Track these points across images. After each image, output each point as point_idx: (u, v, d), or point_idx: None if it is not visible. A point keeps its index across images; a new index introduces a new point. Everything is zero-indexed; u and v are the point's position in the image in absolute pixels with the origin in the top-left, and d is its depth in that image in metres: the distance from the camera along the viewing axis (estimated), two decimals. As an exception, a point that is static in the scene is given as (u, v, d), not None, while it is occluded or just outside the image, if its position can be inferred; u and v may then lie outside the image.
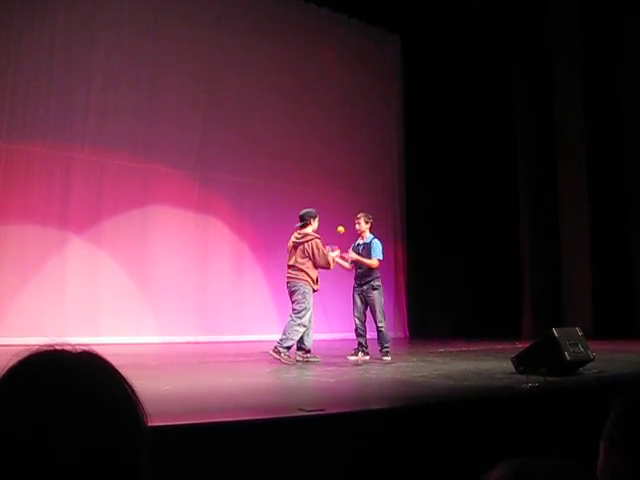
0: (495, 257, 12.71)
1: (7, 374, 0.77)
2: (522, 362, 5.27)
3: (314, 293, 7.16)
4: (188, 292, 10.49)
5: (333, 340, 11.14)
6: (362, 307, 7.42)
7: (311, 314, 7.06)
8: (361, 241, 7.58)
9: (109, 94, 10.10)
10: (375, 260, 7.38)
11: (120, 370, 0.83)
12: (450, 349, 8.70)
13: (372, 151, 13.13)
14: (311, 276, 7.08)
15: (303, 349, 7.00)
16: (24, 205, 9.27)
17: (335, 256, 7.45)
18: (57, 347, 0.80)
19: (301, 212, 7.44)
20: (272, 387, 4.76)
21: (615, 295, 11.59)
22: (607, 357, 6.52)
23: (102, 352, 0.83)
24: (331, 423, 3.20)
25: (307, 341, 7.01)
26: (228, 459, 2.80)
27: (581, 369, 5.39)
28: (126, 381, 0.81)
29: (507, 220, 12.65)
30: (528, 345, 5.62)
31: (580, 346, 5.37)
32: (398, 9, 12.47)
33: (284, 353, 6.72)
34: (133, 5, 10.40)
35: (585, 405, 3.88)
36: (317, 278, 7.17)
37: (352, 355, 7.38)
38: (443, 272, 13.06)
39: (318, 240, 7.15)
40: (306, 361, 6.85)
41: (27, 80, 9.41)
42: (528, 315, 12.03)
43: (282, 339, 6.80)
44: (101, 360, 0.82)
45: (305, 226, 7.28)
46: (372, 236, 7.59)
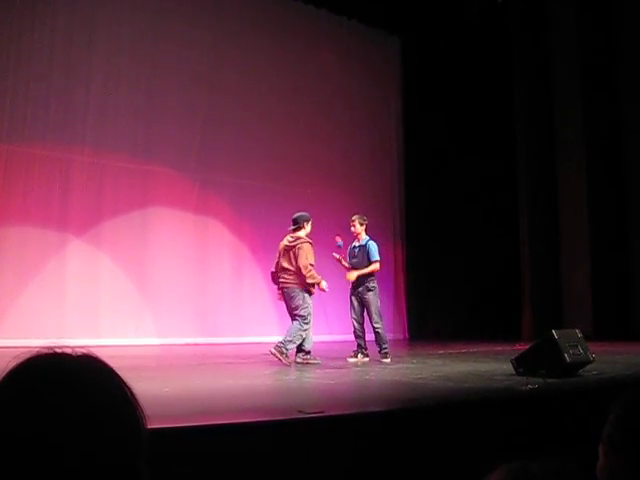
0: (495, 258, 12.72)
1: (7, 377, 0.77)
2: (522, 364, 5.27)
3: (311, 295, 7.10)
4: (187, 294, 10.49)
5: (333, 342, 11.14)
6: (359, 309, 7.42)
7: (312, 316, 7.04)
8: (357, 243, 7.58)
9: (109, 96, 10.10)
10: (375, 264, 7.39)
11: (119, 372, 0.83)
12: (450, 351, 8.69)
13: (372, 152, 13.14)
14: (312, 281, 7.00)
15: (303, 350, 6.97)
16: (24, 207, 9.27)
17: (338, 258, 7.50)
18: (57, 350, 0.80)
19: (294, 215, 7.36)
20: (272, 389, 4.76)
21: (615, 297, 11.60)
22: (607, 359, 6.51)
23: (101, 354, 0.83)
24: (331, 425, 3.20)
25: (307, 343, 6.98)
26: (228, 461, 2.79)
27: (581, 371, 5.39)
28: (125, 384, 0.82)
29: (507, 221, 12.67)
30: (528, 347, 5.61)
31: (580, 348, 5.37)
32: (397, 10, 12.48)
33: (286, 355, 6.71)
34: (133, 7, 10.41)
35: (585, 407, 3.88)
36: (321, 287, 7.08)
37: (352, 357, 7.38)
38: (443, 273, 13.05)
39: (309, 245, 7.05)
40: (306, 363, 6.83)
41: (27, 81, 9.41)
42: (528, 317, 12.03)
43: (286, 341, 6.77)
44: (100, 363, 0.82)
45: (298, 229, 7.18)
46: (367, 238, 7.57)
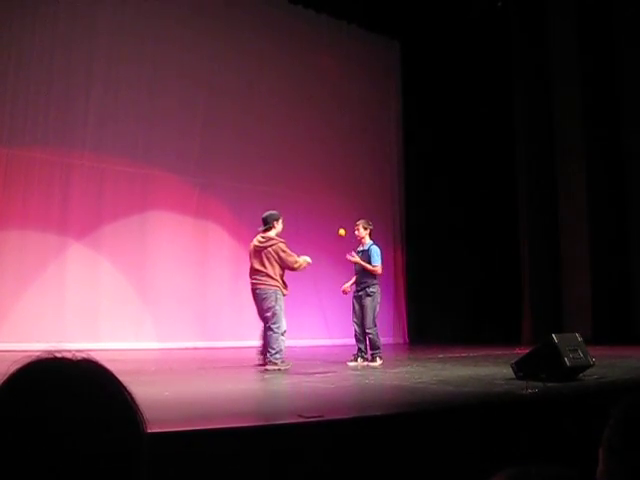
0: (495, 262, 12.72)
1: (7, 381, 0.77)
2: (522, 368, 5.26)
3: (284, 297, 6.92)
4: (187, 298, 10.48)
5: (333, 346, 11.14)
6: (360, 312, 7.45)
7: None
8: (361, 247, 7.63)
9: (109, 100, 10.12)
10: (377, 267, 7.42)
11: (119, 376, 0.83)
12: (450, 354, 8.68)
13: (372, 156, 13.15)
14: (280, 281, 6.85)
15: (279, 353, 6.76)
16: (24, 210, 9.27)
17: (354, 260, 7.45)
18: (57, 354, 0.80)
19: (264, 215, 7.20)
20: (271, 393, 4.76)
21: (615, 300, 11.59)
22: (607, 363, 6.51)
23: (101, 358, 0.83)
24: (330, 429, 3.19)
25: None
26: (227, 465, 2.79)
27: (581, 375, 5.39)
28: (125, 388, 0.82)
29: (507, 224, 12.67)
30: (528, 351, 5.61)
31: (580, 352, 5.37)
32: (397, 15, 12.51)
33: (279, 361, 6.59)
34: (133, 11, 10.43)
35: (585, 411, 3.88)
36: (285, 282, 6.93)
37: (352, 361, 7.38)
38: (443, 277, 13.05)
39: (282, 244, 6.91)
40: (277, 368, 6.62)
41: (27, 85, 9.42)
42: (528, 320, 12.02)
43: (271, 353, 6.62)
44: (100, 367, 0.82)
45: (269, 229, 7.04)
46: (371, 242, 7.62)
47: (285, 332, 6.78)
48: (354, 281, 7.61)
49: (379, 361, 7.20)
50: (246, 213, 11.40)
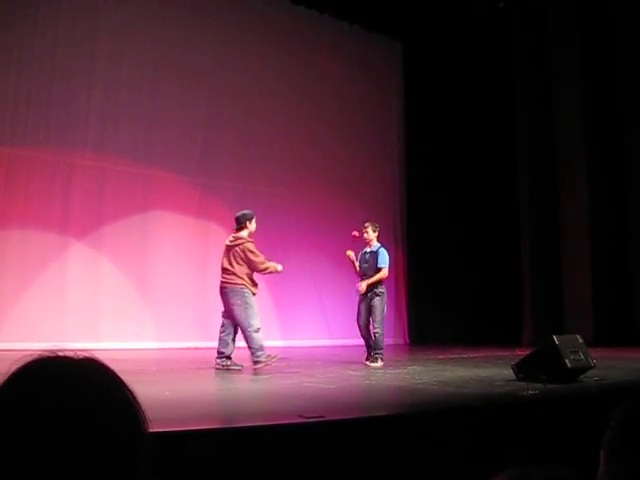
0: (496, 263, 12.72)
1: (9, 380, 0.77)
2: (522, 369, 5.26)
3: (254, 296, 6.85)
4: (188, 298, 10.48)
5: (333, 346, 11.14)
6: (366, 314, 7.48)
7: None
8: (368, 249, 7.67)
9: (110, 100, 10.12)
10: (384, 270, 7.49)
11: (120, 376, 0.83)
12: (450, 356, 8.68)
13: (373, 156, 13.15)
14: (247, 279, 6.79)
15: (224, 355, 6.75)
16: (25, 210, 9.28)
17: (352, 259, 7.50)
18: (58, 353, 0.81)
19: (237, 214, 7.18)
20: (272, 393, 4.76)
21: (616, 302, 11.58)
22: (608, 364, 6.50)
23: (102, 357, 0.83)
24: (331, 430, 3.19)
25: (230, 347, 6.78)
26: (228, 465, 2.79)
27: (582, 376, 5.38)
28: (127, 387, 0.82)
29: (508, 225, 12.66)
30: (528, 352, 5.61)
31: (581, 353, 5.36)
32: (398, 16, 12.51)
33: (262, 357, 6.60)
34: (134, 11, 10.43)
35: (585, 413, 3.88)
36: (254, 281, 6.85)
37: (371, 362, 7.31)
38: (443, 278, 13.04)
39: (250, 244, 6.85)
40: (227, 369, 6.63)
41: (29, 85, 9.43)
42: (528, 322, 12.02)
43: (253, 353, 6.64)
44: (102, 366, 0.82)
45: (241, 229, 7.02)
46: (379, 245, 7.69)
47: (259, 329, 6.71)
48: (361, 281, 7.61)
49: (380, 362, 7.21)
50: (247, 213, 11.41)
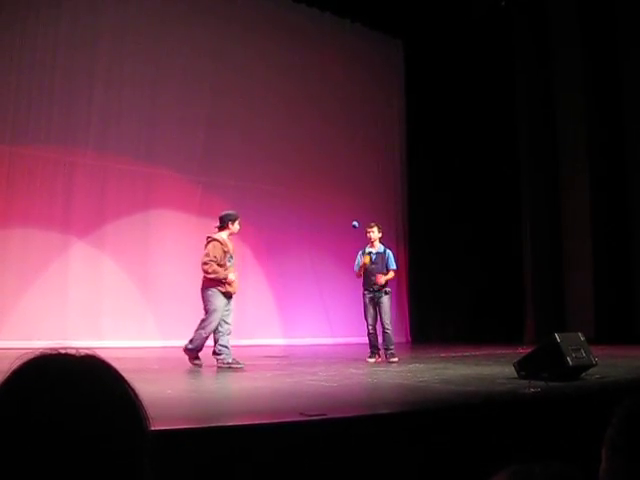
0: (497, 261, 12.71)
1: (10, 377, 0.77)
2: (524, 367, 5.26)
3: (228, 296, 6.84)
4: (190, 296, 10.43)
5: (335, 345, 11.15)
6: (374, 311, 7.61)
7: (219, 318, 6.78)
8: (374, 250, 7.74)
9: (112, 99, 10.12)
10: (393, 271, 7.75)
11: (122, 374, 0.83)
12: (452, 354, 8.68)
13: (374, 154, 13.14)
14: (212, 277, 6.76)
15: (191, 351, 6.78)
16: (27, 209, 9.29)
17: (365, 262, 7.53)
18: (60, 350, 0.81)
19: (221, 214, 7.13)
20: (273, 391, 4.76)
21: (617, 300, 11.57)
22: (609, 362, 6.50)
23: (104, 356, 0.83)
24: (332, 428, 3.19)
25: (194, 343, 6.81)
26: (229, 463, 2.79)
27: (583, 374, 5.38)
28: (129, 384, 0.82)
29: (509, 224, 12.65)
30: (530, 350, 5.60)
31: (582, 351, 5.36)
32: (400, 14, 12.50)
33: (223, 355, 6.66)
34: (135, 10, 10.43)
35: (587, 410, 3.87)
36: (230, 280, 6.78)
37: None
38: (445, 276, 13.04)
39: (216, 243, 6.79)
40: (229, 366, 6.67)
41: (30, 83, 9.43)
42: (530, 320, 12.01)
43: (219, 351, 6.70)
44: (104, 363, 0.82)
45: (222, 229, 6.93)
46: (383, 246, 7.84)
47: (210, 332, 6.74)
48: (368, 282, 7.67)
49: (396, 357, 7.46)
50: (249, 212, 11.37)
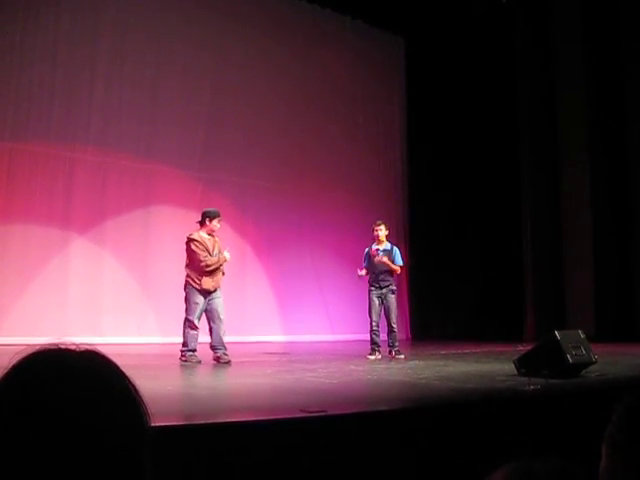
0: (498, 259, 12.71)
1: (10, 372, 0.77)
2: (524, 364, 5.26)
3: (204, 293, 6.85)
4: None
5: (335, 341, 11.16)
6: (379, 309, 7.71)
7: (200, 314, 6.82)
8: (381, 247, 7.83)
9: (112, 95, 10.12)
10: (399, 266, 7.88)
11: (122, 369, 0.83)
12: (452, 351, 8.69)
13: (375, 152, 13.13)
14: (193, 276, 6.82)
15: (213, 347, 6.90)
16: (27, 205, 9.28)
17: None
18: (60, 345, 0.80)
19: (203, 210, 7.26)
20: (274, 388, 4.76)
21: (617, 298, 11.57)
22: (609, 360, 6.50)
23: (104, 352, 0.83)
24: (333, 424, 3.20)
25: (215, 339, 6.92)
26: (230, 459, 2.79)
27: (583, 372, 5.38)
28: (129, 380, 0.81)
29: (510, 222, 12.65)
30: (530, 347, 5.61)
31: (582, 349, 5.36)
32: (401, 10, 12.47)
33: (187, 355, 6.75)
34: (136, 7, 10.41)
35: (587, 408, 3.88)
36: (207, 277, 6.79)
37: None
38: (445, 274, 13.04)
39: (195, 243, 6.86)
40: (185, 360, 6.76)
41: (31, 79, 9.42)
42: (530, 317, 12.02)
43: (183, 344, 6.82)
44: (104, 359, 0.81)
45: (201, 225, 7.05)
46: (390, 243, 7.94)
47: (195, 327, 6.80)
48: (374, 279, 7.76)
49: (403, 354, 7.58)
50: (250, 209, 11.42)
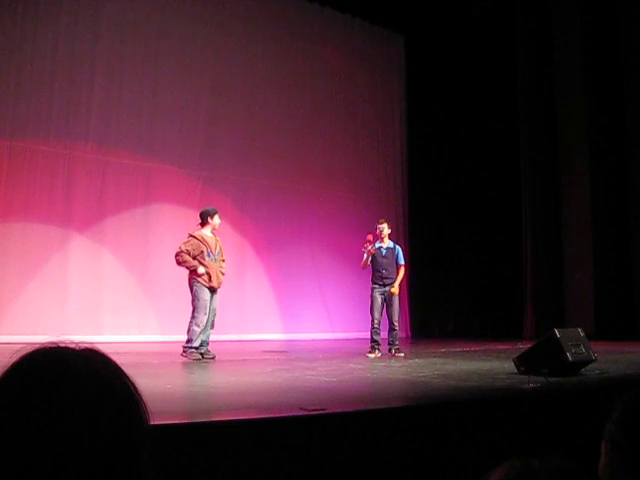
0: (497, 257, 12.71)
1: (10, 370, 0.77)
2: (524, 363, 5.26)
3: (212, 290, 6.97)
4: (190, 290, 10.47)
5: (335, 340, 11.16)
6: (382, 307, 7.69)
7: (208, 312, 6.92)
8: (384, 245, 7.82)
9: (112, 93, 10.11)
10: (403, 267, 7.91)
11: (122, 368, 0.83)
12: (452, 349, 8.70)
13: (375, 150, 13.13)
14: (186, 266, 6.90)
15: (191, 346, 6.89)
16: (27, 203, 9.29)
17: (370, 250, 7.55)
18: (60, 344, 0.80)
19: (200, 211, 7.36)
20: (273, 386, 4.76)
21: (617, 296, 11.58)
22: (609, 358, 6.51)
23: (104, 350, 0.83)
24: (332, 423, 3.20)
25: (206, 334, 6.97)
26: (229, 458, 2.80)
27: (583, 370, 5.38)
28: (128, 378, 0.81)
29: (510, 220, 12.65)
30: (530, 346, 5.61)
31: (582, 347, 5.36)
32: (401, 9, 12.47)
33: (190, 352, 6.76)
34: (136, 5, 10.41)
35: (587, 406, 3.88)
36: (200, 272, 6.87)
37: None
38: (445, 272, 13.05)
39: (191, 238, 6.97)
40: (193, 359, 6.78)
41: (30, 77, 9.42)
42: (530, 316, 12.03)
43: (187, 340, 6.84)
44: (104, 357, 0.82)
45: (203, 225, 7.15)
46: (392, 242, 7.96)
47: (201, 323, 6.85)
48: (378, 276, 7.72)
49: (403, 353, 7.53)
50: (249, 207, 11.42)
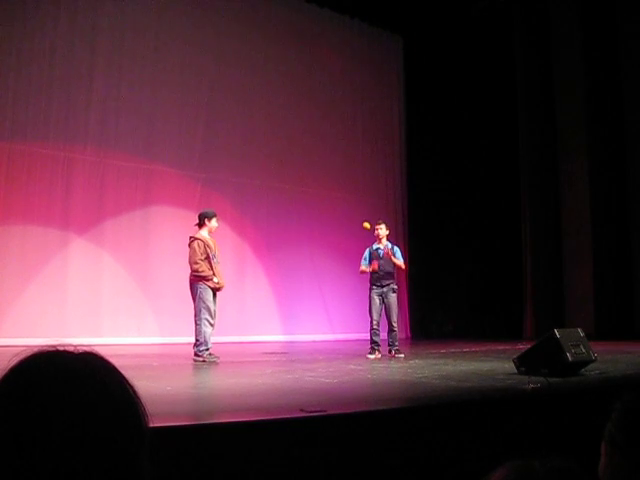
0: (497, 258, 12.72)
1: (8, 374, 0.77)
2: (524, 363, 5.26)
3: (216, 291, 7.06)
4: (189, 292, 10.47)
5: (335, 341, 11.16)
6: (380, 308, 7.71)
7: (213, 311, 6.98)
8: (381, 246, 7.86)
9: (111, 95, 10.11)
10: (403, 263, 7.97)
11: (121, 371, 0.83)
12: (452, 350, 8.69)
13: (374, 152, 13.13)
14: (203, 275, 6.99)
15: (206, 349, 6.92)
16: (26, 205, 9.27)
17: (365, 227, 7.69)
18: (58, 347, 0.80)
19: (199, 212, 7.49)
20: (273, 388, 4.76)
21: (617, 296, 11.58)
22: (609, 358, 6.51)
23: (103, 353, 0.83)
24: (332, 424, 3.19)
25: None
26: (229, 460, 2.79)
27: (583, 370, 5.38)
28: (127, 381, 0.81)
29: (509, 221, 12.66)
30: (530, 346, 5.61)
31: (582, 347, 5.36)
32: (399, 9, 12.47)
33: (204, 354, 6.78)
34: (134, 6, 10.40)
35: (587, 406, 3.88)
36: (214, 275, 6.99)
37: (371, 354, 7.56)
38: (445, 272, 13.05)
39: (197, 242, 7.06)
40: (203, 360, 6.80)
41: (29, 79, 9.41)
42: (530, 316, 12.03)
43: (197, 344, 6.86)
44: (102, 360, 0.81)
45: (200, 227, 7.26)
46: (390, 243, 8.00)
47: (210, 324, 6.91)
48: (376, 277, 7.77)
49: (402, 354, 7.56)
50: (249, 208, 11.41)
